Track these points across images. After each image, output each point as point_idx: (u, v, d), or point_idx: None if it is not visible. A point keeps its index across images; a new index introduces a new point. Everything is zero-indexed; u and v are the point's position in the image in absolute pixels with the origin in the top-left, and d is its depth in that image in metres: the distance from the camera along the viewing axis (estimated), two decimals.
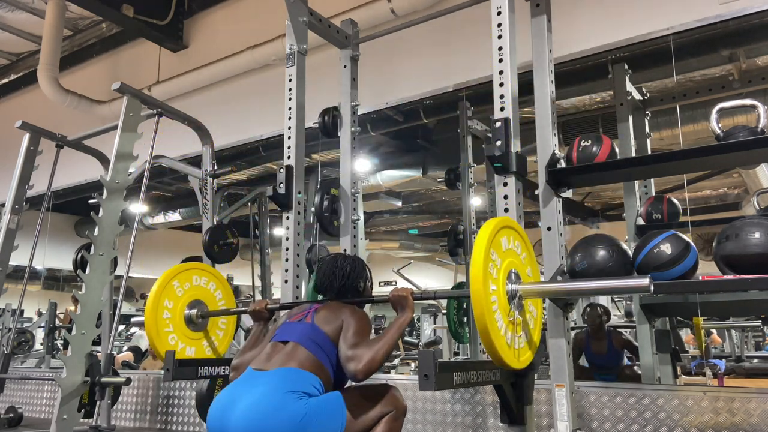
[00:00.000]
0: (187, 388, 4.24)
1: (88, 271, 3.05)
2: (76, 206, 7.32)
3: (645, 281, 1.76)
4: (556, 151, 2.43)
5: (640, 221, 3.58)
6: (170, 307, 2.74)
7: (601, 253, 2.24)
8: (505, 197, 2.27)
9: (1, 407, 4.59)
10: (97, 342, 3.94)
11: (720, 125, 2.26)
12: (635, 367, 4.17)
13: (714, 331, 6.88)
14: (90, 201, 3.76)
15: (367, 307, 3.35)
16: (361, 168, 3.56)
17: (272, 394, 1.92)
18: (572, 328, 3.66)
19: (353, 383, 2.10)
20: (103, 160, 4.29)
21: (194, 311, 2.82)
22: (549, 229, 2.37)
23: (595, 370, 4.40)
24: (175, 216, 8.49)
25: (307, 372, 2.00)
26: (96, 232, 3.10)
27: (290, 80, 3.01)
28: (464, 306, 4.69)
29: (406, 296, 2.14)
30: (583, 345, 4.52)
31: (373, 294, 2.44)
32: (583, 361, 4.58)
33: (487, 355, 1.84)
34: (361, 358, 1.97)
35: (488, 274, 1.80)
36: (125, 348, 8.70)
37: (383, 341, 2.01)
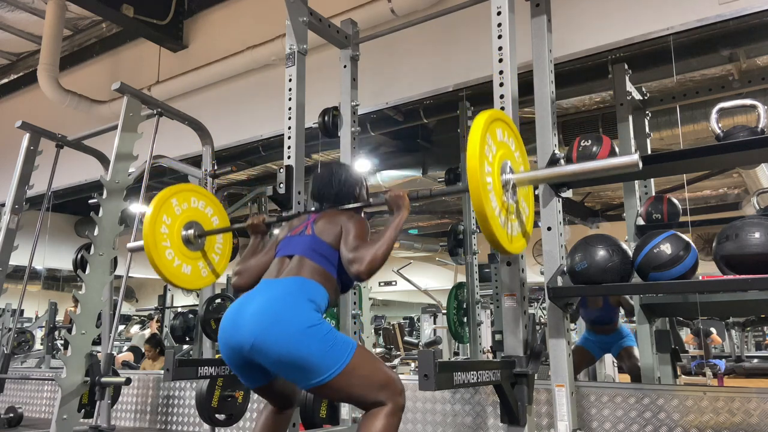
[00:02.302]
0: (187, 388, 4.24)
1: (88, 271, 3.05)
2: (76, 206, 7.32)
3: (634, 158, 1.79)
4: (556, 151, 2.43)
5: (640, 221, 3.58)
6: (168, 223, 2.70)
7: (601, 253, 2.24)
8: None
9: (1, 407, 4.60)
10: (97, 342, 3.94)
11: (720, 125, 2.26)
12: (635, 349, 4.14)
13: (714, 330, 6.88)
14: (90, 201, 3.76)
15: (367, 306, 3.36)
16: (361, 168, 3.55)
17: (291, 295, 1.98)
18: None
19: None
20: (103, 160, 4.29)
21: (191, 231, 2.79)
22: (549, 229, 2.37)
23: (590, 327, 4.39)
24: None
25: (317, 284, 2.05)
26: (96, 232, 3.10)
27: (290, 80, 3.01)
28: (464, 306, 4.70)
29: (402, 196, 2.18)
30: (579, 300, 4.48)
31: (369, 200, 2.44)
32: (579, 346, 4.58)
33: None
34: (363, 259, 2.02)
35: (484, 156, 1.81)
36: (125, 348, 8.71)
37: (382, 240, 2.05)
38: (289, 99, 2.99)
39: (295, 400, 2.35)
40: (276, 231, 2.63)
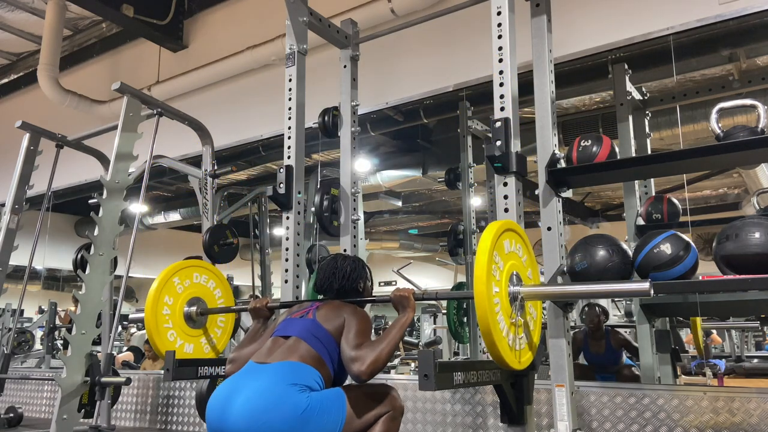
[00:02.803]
0: (187, 388, 4.24)
1: (88, 271, 3.05)
2: (76, 206, 7.31)
3: (645, 285, 1.76)
4: (556, 151, 2.43)
5: (640, 221, 3.58)
6: (170, 304, 2.75)
7: (601, 253, 2.24)
8: (505, 197, 2.27)
9: (1, 407, 4.59)
10: (97, 342, 3.94)
11: (720, 125, 2.26)
12: (634, 368, 4.17)
13: (714, 331, 6.87)
14: (90, 201, 3.76)
15: (367, 307, 3.36)
16: (361, 168, 3.55)
17: (274, 386, 1.93)
18: (571, 328, 3.66)
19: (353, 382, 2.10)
20: (103, 160, 4.29)
21: (194, 308, 2.82)
22: (549, 229, 2.37)
23: (593, 370, 4.40)
24: (175, 216, 8.48)
25: (308, 366, 2.01)
26: (96, 232, 3.10)
27: (290, 80, 3.01)
28: (464, 306, 4.69)
29: (407, 296, 2.14)
30: (581, 345, 4.53)
31: (373, 294, 2.44)
32: (582, 361, 4.58)
33: (488, 355, 1.85)
34: (364, 359, 1.97)
35: (491, 277, 1.81)
36: (125, 348, 8.70)
37: (386, 342, 2.01)
38: (289, 99, 2.99)
39: None
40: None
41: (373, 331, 2.20)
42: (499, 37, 2.34)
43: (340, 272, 2.32)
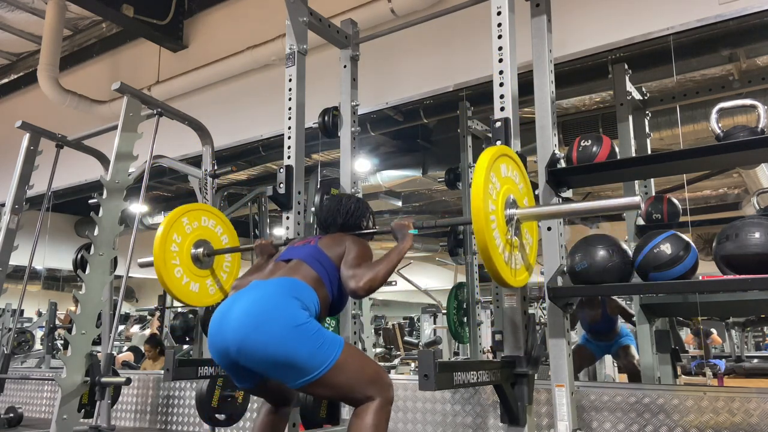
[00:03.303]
0: (187, 388, 4.24)
1: (88, 271, 3.05)
2: (76, 206, 7.31)
3: (636, 199, 1.84)
4: (556, 151, 2.43)
5: (640, 221, 3.58)
6: (178, 242, 2.79)
7: (601, 253, 2.24)
8: None
9: (1, 407, 4.60)
10: (97, 342, 3.94)
11: (720, 125, 2.26)
12: (632, 348, 4.15)
13: (714, 331, 6.87)
14: (90, 201, 3.76)
15: (367, 306, 3.36)
16: (361, 168, 3.55)
17: (275, 295, 1.97)
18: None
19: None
20: (103, 160, 4.29)
21: (200, 250, 2.87)
22: (549, 229, 2.37)
23: (591, 337, 4.40)
24: None
25: (308, 286, 2.05)
26: (96, 232, 3.10)
27: (290, 80, 3.01)
28: (464, 306, 4.70)
29: (407, 224, 2.22)
30: (578, 317, 4.49)
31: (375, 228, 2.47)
32: (578, 335, 4.59)
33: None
34: (362, 276, 2.04)
35: (488, 195, 1.84)
36: (125, 348, 8.71)
37: (384, 263, 2.07)
38: (289, 99, 2.99)
39: (291, 398, 2.36)
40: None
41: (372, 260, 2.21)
42: (499, 37, 2.34)
43: (344, 208, 2.37)
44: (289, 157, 2.96)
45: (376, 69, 4.16)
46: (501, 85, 2.30)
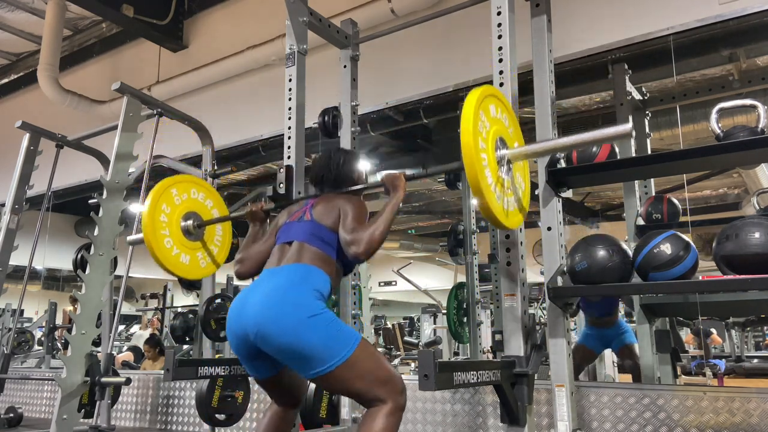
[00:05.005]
0: (187, 388, 4.24)
1: (88, 271, 3.05)
2: (76, 206, 7.31)
3: (627, 126, 1.80)
4: None
5: (640, 221, 3.58)
6: (168, 212, 2.73)
7: (601, 253, 2.24)
8: None
9: (1, 407, 4.59)
10: (97, 342, 3.94)
11: (720, 125, 2.26)
12: (635, 346, 4.14)
13: (714, 331, 6.87)
14: (90, 201, 3.76)
15: (367, 306, 3.37)
16: (361, 168, 3.55)
17: (292, 284, 2.01)
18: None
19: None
20: (103, 160, 4.29)
21: (190, 222, 2.81)
22: (549, 229, 2.37)
23: (590, 322, 4.39)
24: None
25: (319, 269, 2.08)
26: (96, 232, 3.10)
27: (290, 80, 3.01)
28: (464, 306, 4.70)
29: (398, 176, 2.21)
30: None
31: (367, 182, 2.47)
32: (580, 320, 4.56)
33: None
34: (361, 240, 2.05)
35: (477, 132, 1.82)
36: (125, 348, 8.71)
37: (379, 221, 2.08)
38: (289, 99, 2.99)
39: (300, 398, 2.36)
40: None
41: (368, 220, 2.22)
42: (499, 37, 2.34)
43: (334, 162, 2.39)
44: (289, 157, 2.96)
45: (376, 69, 4.15)
46: (501, 85, 2.30)
